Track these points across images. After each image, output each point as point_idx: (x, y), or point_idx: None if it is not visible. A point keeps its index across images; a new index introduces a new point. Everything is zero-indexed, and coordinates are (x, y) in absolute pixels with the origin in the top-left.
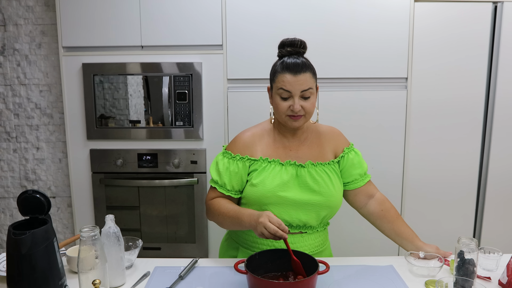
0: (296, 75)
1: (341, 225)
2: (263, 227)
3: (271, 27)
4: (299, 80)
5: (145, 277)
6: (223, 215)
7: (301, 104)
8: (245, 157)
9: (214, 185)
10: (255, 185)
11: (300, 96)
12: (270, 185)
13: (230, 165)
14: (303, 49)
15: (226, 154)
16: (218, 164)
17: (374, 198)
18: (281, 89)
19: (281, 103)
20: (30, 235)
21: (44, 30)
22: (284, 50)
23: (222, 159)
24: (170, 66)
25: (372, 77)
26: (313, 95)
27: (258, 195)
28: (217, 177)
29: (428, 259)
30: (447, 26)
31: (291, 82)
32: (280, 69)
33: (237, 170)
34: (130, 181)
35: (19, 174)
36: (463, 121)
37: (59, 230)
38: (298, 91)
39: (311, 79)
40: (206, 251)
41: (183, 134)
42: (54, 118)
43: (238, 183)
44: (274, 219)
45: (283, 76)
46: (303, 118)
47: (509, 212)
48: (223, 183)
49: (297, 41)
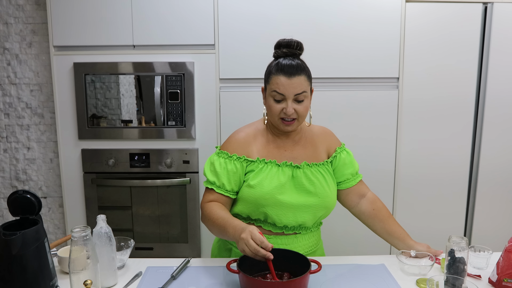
0: (291, 78)
1: (333, 225)
2: (244, 244)
3: (263, 26)
4: (293, 83)
5: (137, 277)
6: (212, 221)
7: (294, 108)
8: (242, 157)
9: (211, 187)
10: (252, 186)
11: (293, 100)
12: (268, 187)
13: (228, 165)
14: (300, 50)
15: (221, 154)
16: (214, 164)
17: (366, 197)
18: (274, 92)
19: (274, 105)
20: (21, 235)
21: (35, 29)
22: (280, 51)
23: (218, 159)
24: (162, 66)
25: (364, 77)
26: (307, 98)
27: (256, 197)
28: (214, 178)
29: (419, 257)
30: (438, 26)
31: (285, 85)
32: (275, 70)
33: (235, 170)
34: (122, 181)
35: (10, 174)
36: (454, 119)
37: (51, 231)
38: (292, 94)
39: (306, 82)
40: (198, 251)
41: (175, 133)
42: (45, 118)
43: (236, 183)
44: (256, 236)
45: (277, 78)
46: (296, 122)
47: (500, 209)
48: (222, 183)
49: (293, 42)
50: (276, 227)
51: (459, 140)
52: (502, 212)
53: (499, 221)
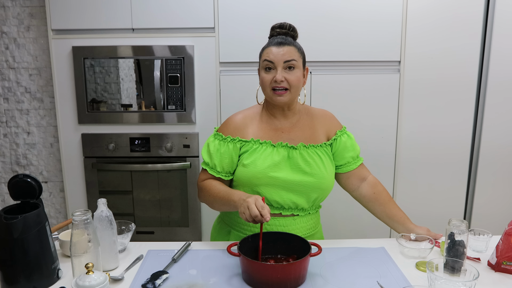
0: (280, 47)
1: (333, 208)
2: (247, 207)
3: (264, 9)
4: (283, 51)
5: (138, 260)
6: (214, 196)
7: (284, 76)
8: (236, 138)
9: (205, 167)
10: (246, 165)
11: (283, 68)
12: (261, 166)
13: (221, 147)
14: (293, 32)
15: (217, 136)
16: (209, 146)
17: (367, 181)
18: (265, 61)
19: (265, 75)
20: (22, 219)
21: (33, 12)
22: (274, 31)
23: (213, 141)
24: (161, 49)
25: (365, 60)
26: (298, 69)
27: (249, 176)
28: (208, 159)
29: (419, 241)
30: (440, 8)
31: (274, 53)
32: (267, 45)
33: (228, 151)
34: (122, 165)
35: (10, 159)
36: (455, 103)
37: (52, 215)
38: (281, 61)
39: (296, 53)
40: (199, 235)
41: (175, 118)
42: (45, 102)
43: (228, 164)
44: (259, 203)
45: (268, 49)
46: (288, 93)
47: (500, 192)
48: (214, 164)
49: (286, 24)
50: (273, 207)
51: (460, 124)
52: (502, 194)
53: (499, 204)
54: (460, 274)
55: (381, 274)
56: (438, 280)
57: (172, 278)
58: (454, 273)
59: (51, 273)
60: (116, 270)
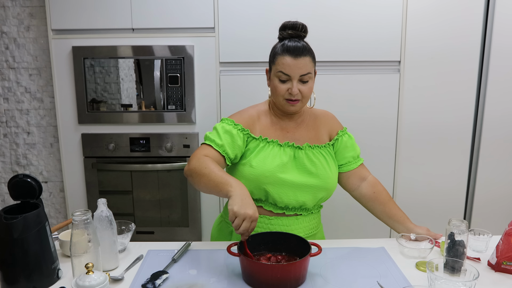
0: (296, 59)
1: (333, 208)
2: (243, 218)
3: (263, 9)
4: (299, 64)
5: (138, 260)
6: (207, 172)
7: (299, 88)
8: (247, 130)
9: (209, 143)
10: (254, 166)
11: (298, 80)
12: (270, 165)
13: (232, 130)
14: (304, 32)
15: (227, 120)
16: (217, 128)
17: (367, 180)
18: (280, 72)
19: (280, 85)
20: (22, 219)
21: (33, 12)
22: (285, 32)
23: (223, 124)
24: (161, 49)
25: (365, 60)
26: (311, 79)
27: (257, 175)
28: (216, 137)
29: (419, 240)
30: (440, 8)
31: (291, 66)
32: (281, 51)
33: (239, 137)
34: (122, 165)
35: (10, 159)
36: (455, 101)
37: (52, 215)
38: (297, 75)
39: (311, 64)
40: (199, 235)
41: (175, 118)
42: (45, 102)
43: (235, 150)
44: (253, 225)
45: (283, 58)
46: (300, 102)
47: (500, 190)
48: (222, 144)
49: (298, 24)
50: (277, 207)
51: (460, 123)
52: (502, 194)
53: (499, 204)
54: (460, 274)
55: (381, 274)
56: (438, 280)
57: (172, 278)
58: (454, 273)
59: (51, 273)
60: (116, 270)
